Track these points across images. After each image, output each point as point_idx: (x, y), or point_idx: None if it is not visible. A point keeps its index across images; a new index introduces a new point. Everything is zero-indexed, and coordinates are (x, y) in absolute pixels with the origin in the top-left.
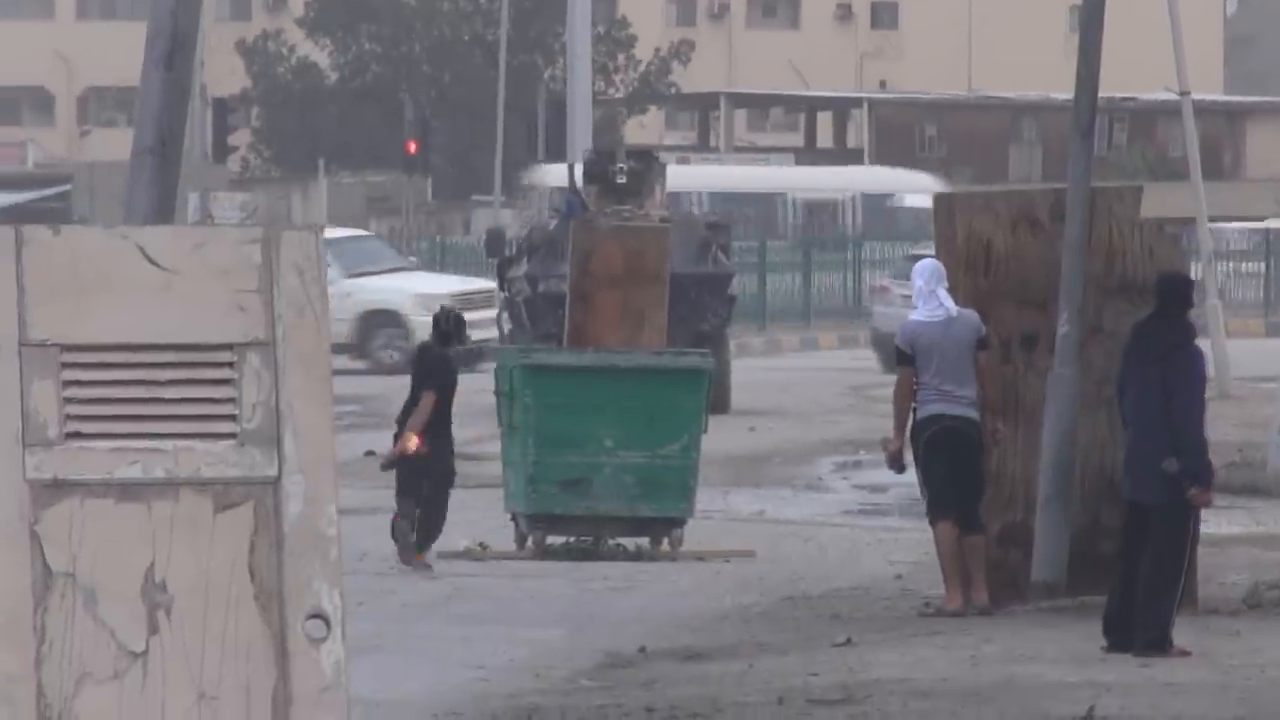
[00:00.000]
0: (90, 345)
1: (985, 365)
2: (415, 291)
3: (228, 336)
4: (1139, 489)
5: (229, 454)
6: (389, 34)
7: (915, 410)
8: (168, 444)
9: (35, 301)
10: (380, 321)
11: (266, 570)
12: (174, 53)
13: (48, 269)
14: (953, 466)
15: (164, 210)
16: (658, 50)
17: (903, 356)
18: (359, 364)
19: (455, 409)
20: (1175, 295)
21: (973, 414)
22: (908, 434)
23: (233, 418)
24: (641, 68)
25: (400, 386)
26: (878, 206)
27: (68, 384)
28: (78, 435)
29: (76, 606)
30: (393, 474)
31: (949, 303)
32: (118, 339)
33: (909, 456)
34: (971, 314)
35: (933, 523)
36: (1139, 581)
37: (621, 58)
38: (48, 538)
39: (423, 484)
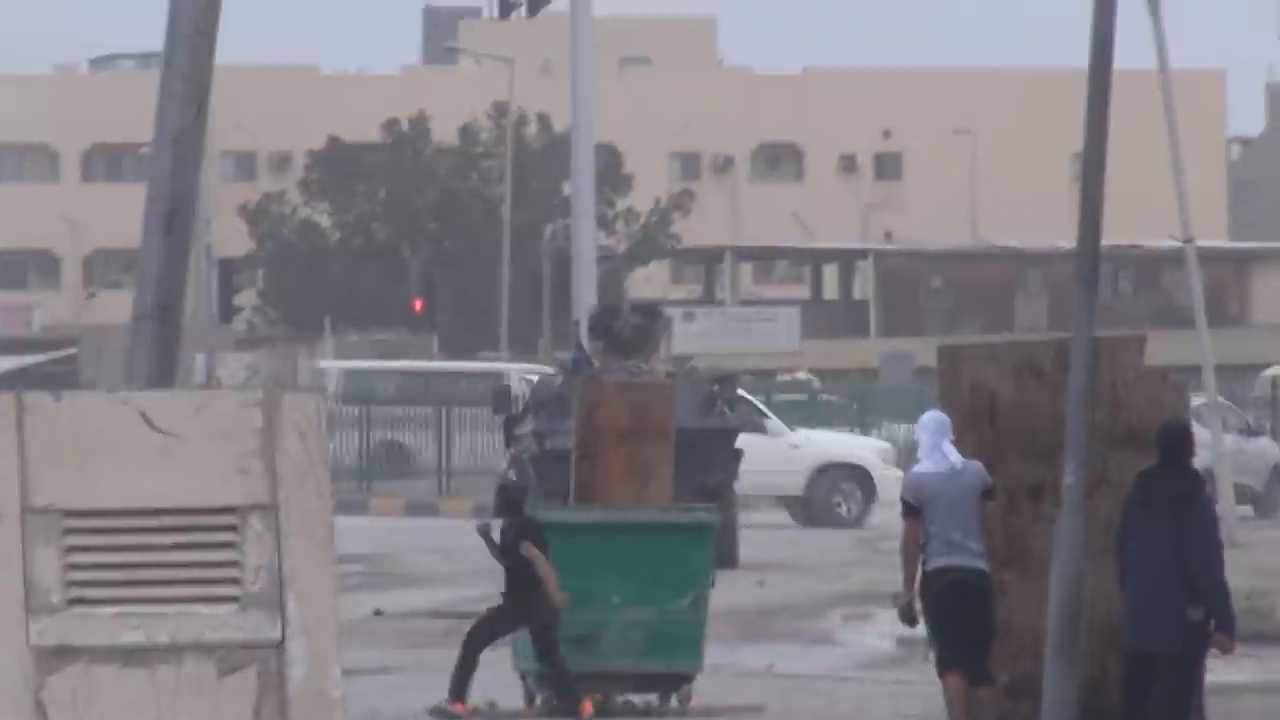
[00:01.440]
0: (93, 510)
1: (992, 516)
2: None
3: (230, 500)
4: (1145, 638)
5: (232, 618)
6: (386, 194)
7: (924, 562)
8: (171, 608)
9: (37, 467)
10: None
11: None
12: (173, 216)
13: (50, 435)
14: (963, 618)
15: (165, 373)
16: (658, 200)
17: (909, 509)
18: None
19: (459, 567)
20: (1178, 445)
21: (982, 565)
22: (917, 586)
23: (235, 581)
24: (642, 220)
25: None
26: None
27: (70, 549)
28: (81, 601)
29: None
30: (396, 635)
31: (954, 455)
32: (120, 504)
33: (919, 608)
34: (977, 465)
35: (942, 674)
36: None
37: (620, 203)
38: (52, 704)
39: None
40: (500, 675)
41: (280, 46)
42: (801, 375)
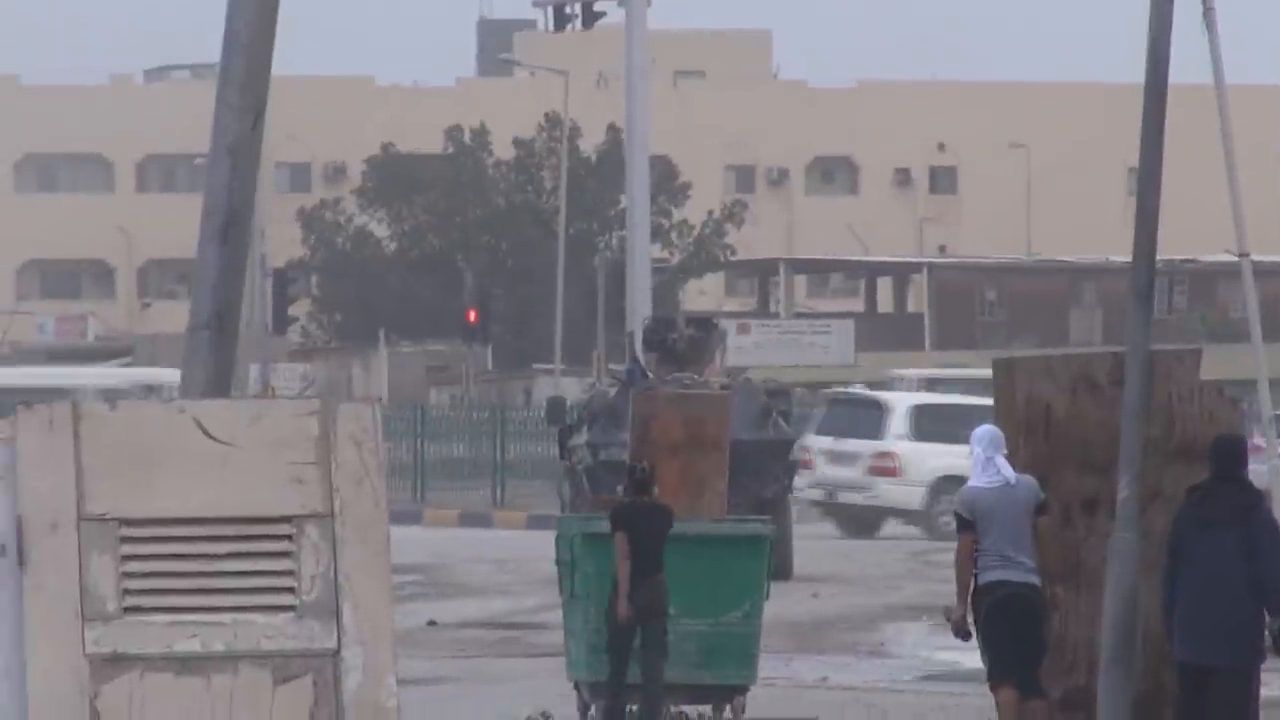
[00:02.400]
0: (149, 519)
1: (1045, 530)
2: None
3: (286, 509)
4: (1203, 651)
5: (288, 626)
6: (442, 204)
7: (977, 576)
8: (227, 617)
9: (94, 476)
10: None
11: None
12: (229, 227)
13: (106, 444)
14: (1015, 632)
15: (221, 383)
16: (711, 213)
17: (962, 523)
18: None
19: (517, 577)
20: (1233, 458)
21: (1034, 579)
22: (970, 600)
23: (291, 590)
24: (696, 232)
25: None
26: None
27: (126, 558)
28: (137, 609)
29: None
30: (451, 645)
31: (1007, 470)
32: (176, 513)
33: (971, 622)
34: (1030, 479)
35: (994, 688)
36: None
37: (675, 215)
38: (107, 712)
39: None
40: (553, 686)
41: (335, 58)
42: (856, 389)
